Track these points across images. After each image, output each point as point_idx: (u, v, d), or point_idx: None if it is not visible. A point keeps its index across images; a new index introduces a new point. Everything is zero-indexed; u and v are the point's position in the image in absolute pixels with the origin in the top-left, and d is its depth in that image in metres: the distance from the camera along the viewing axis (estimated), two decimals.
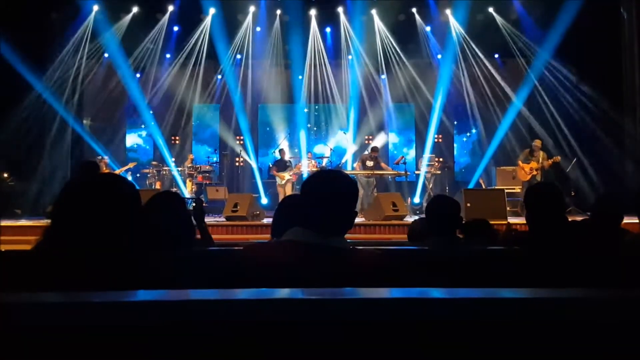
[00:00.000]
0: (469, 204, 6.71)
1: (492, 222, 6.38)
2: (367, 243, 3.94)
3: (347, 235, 1.72)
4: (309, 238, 1.56)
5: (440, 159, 12.18)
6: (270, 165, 11.25)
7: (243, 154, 12.14)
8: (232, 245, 3.94)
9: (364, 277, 1.51)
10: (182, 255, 1.53)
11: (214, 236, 6.17)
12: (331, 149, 12.21)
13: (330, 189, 1.61)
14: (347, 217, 1.65)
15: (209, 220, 8.46)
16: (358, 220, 7.23)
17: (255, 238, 5.69)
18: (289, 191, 10.45)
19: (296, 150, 12.71)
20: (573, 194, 9.58)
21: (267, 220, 7.49)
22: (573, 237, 2.36)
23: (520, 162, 9.60)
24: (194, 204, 2.93)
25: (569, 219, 2.75)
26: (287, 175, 10.58)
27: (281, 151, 11.02)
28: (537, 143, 9.67)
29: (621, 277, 1.88)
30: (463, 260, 2.29)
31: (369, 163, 10.10)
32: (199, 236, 3.03)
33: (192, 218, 2.88)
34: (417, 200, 10.96)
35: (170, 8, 11.39)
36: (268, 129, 13.50)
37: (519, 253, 2.36)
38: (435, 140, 12.61)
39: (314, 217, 1.58)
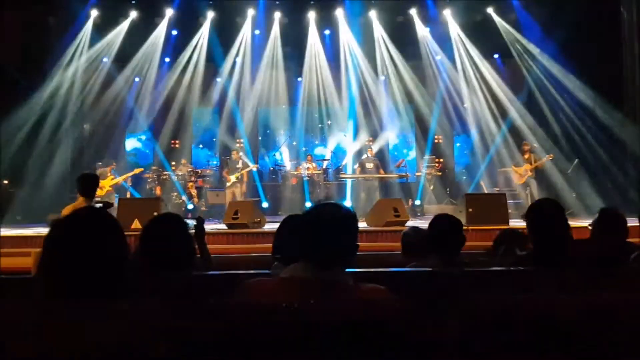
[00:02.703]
0: (470, 209, 6.71)
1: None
2: (369, 257, 3.93)
3: None
4: (311, 274, 1.56)
5: (441, 160, 12.16)
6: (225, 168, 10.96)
7: (243, 157, 12.11)
8: (233, 261, 3.94)
9: (367, 317, 1.50)
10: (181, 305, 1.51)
11: (214, 245, 6.19)
12: (331, 152, 12.20)
13: (330, 223, 1.62)
14: (349, 250, 1.66)
15: (209, 225, 8.46)
16: (360, 226, 7.22)
17: (256, 248, 5.67)
18: (238, 195, 10.27)
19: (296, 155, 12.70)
20: (574, 195, 9.59)
21: (268, 227, 7.47)
22: (577, 258, 2.35)
23: (513, 167, 9.76)
24: (195, 224, 2.92)
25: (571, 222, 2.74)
26: (233, 177, 10.34)
27: (233, 152, 10.84)
28: (525, 146, 9.78)
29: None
30: (467, 284, 2.29)
31: (369, 165, 10.07)
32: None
33: (193, 235, 2.87)
34: (417, 202, 10.95)
35: (169, 12, 11.35)
36: (268, 131, 13.49)
37: (523, 274, 2.35)
38: (435, 141, 12.59)
39: (315, 252, 1.59)
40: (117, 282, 1.44)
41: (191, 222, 2.85)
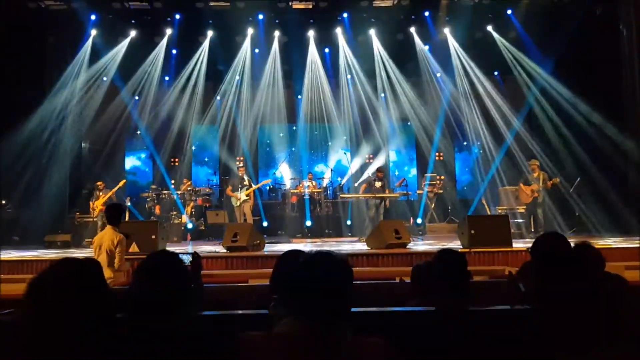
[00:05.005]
0: (473, 231, 6.60)
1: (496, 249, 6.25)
2: (370, 286, 3.84)
3: None
4: (307, 330, 1.48)
5: (442, 177, 12.07)
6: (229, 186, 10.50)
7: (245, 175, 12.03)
8: (231, 292, 3.83)
9: None
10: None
11: (213, 271, 6.10)
12: (332, 169, 12.14)
13: (325, 278, 1.55)
14: (344, 300, 1.59)
15: (208, 246, 8.38)
16: (361, 249, 7.12)
17: (255, 273, 5.57)
18: (248, 213, 10.00)
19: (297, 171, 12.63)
20: (577, 214, 9.48)
21: (268, 249, 7.38)
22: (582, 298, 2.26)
23: (521, 185, 9.58)
24: (191, 260, 2.83)
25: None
26: (243, 195, 9.93)
27: (239, 168, 10.37)
28: (533, 164, 9.60)
29: None
30: (474, 324, 2.21)
31: (378, 184, 9.95)
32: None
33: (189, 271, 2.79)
34: (419, 221, 10.84)
35: (169, 31, 11.37)
36: (268, 149, 13.44)
37: (530, 314, 2.26)
38: (436, 158, 12.52)
39: (311, 308, 1.51)
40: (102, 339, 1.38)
41: (187, 257, 2.77)
